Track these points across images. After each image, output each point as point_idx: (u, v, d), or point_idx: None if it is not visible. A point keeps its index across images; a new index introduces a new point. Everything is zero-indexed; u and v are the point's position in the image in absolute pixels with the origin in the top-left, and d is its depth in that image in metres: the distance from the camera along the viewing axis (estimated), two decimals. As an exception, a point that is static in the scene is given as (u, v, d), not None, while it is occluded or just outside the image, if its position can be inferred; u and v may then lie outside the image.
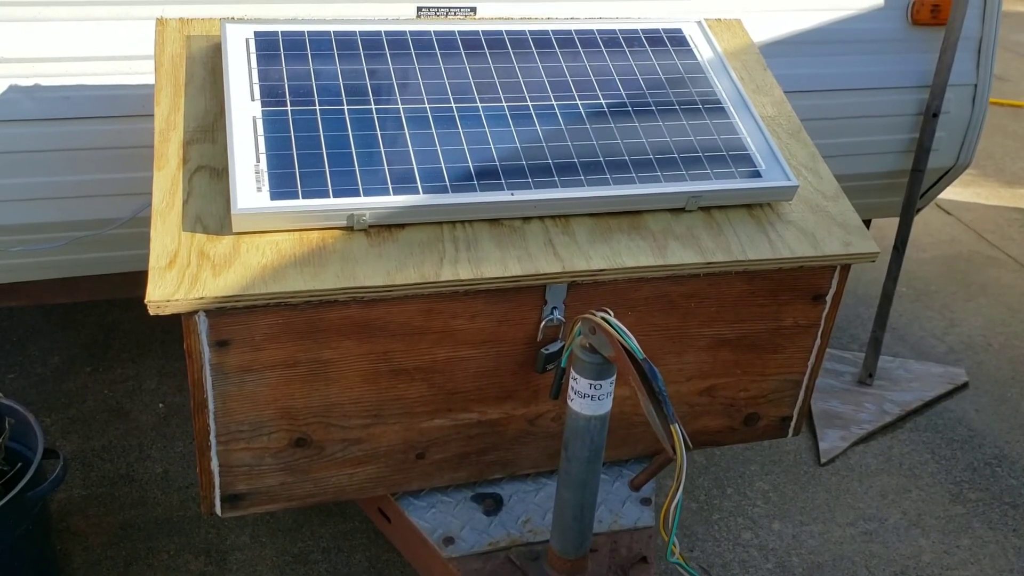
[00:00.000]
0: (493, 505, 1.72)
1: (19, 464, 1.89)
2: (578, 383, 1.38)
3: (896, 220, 3.28)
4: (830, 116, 2.50)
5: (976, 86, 2.57)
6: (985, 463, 2.59)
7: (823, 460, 2.55)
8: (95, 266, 2.29)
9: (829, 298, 1.73)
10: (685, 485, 2.34)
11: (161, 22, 1.77)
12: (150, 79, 2.02)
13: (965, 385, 2.92)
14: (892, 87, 2.51)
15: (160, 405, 2.64)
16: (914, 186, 2.61)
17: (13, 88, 1.94)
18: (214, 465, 1.55)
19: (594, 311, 1.36)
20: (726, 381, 1.78)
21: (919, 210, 2.86)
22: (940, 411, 2.80)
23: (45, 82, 1.96)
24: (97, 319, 3.00)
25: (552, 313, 1.58)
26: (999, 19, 2.51)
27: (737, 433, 1.87)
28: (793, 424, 1.90)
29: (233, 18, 1.79)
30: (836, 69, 2.45)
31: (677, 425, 1.23)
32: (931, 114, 2.51)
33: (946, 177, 2.74)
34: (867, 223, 3.00)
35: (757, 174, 1.68)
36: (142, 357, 2.83)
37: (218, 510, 1.60)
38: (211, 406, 1.49)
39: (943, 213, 4.21)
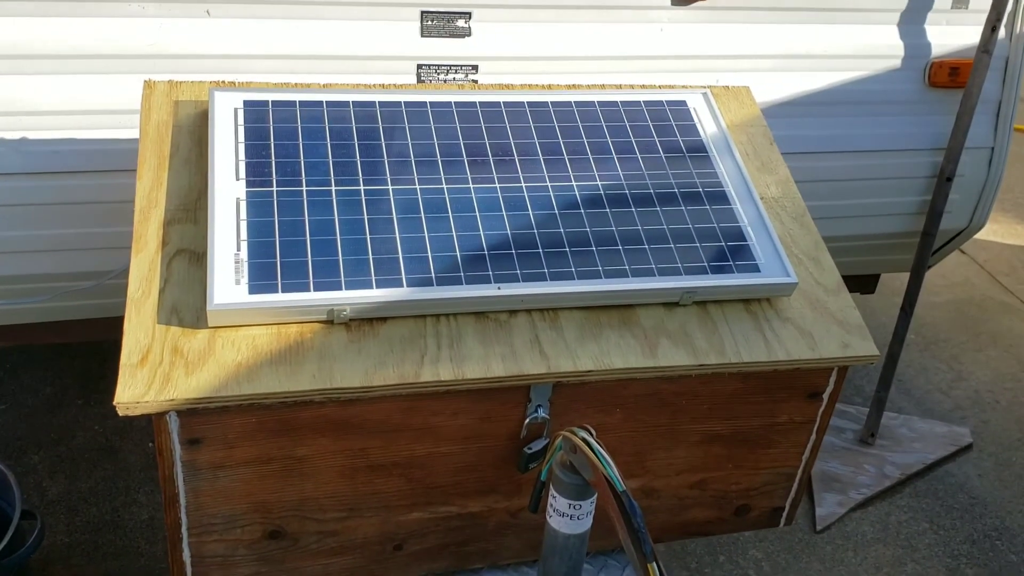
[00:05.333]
0: (472, 597, 1.68)
1: (-5, 528, 1.86)
2: (557, 501, 1.34)
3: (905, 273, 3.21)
4: (842, 178, 2.43)
5: (993, 149, 2.50)
6: (985, 535, 2.53)
7: (819, 527, 2.49)
8: (85, 311, 2.26)
9: (826, 396, 1.68)
10: None
11: (149, 85, 1.72)
12: (138, 133, 1.97)
13: (969, 446, 2.86)
14: (907, 149, 2.44)
15: (150, 444, 2.61)
16: (924, 250, 2.55)
17: (0, 142, 1.90)
18: (186, 556, 1.51)
19: (575, 429, 1.31)
20: (717, 475, 1.73)
21: (930, 267, 2.79)
22: (942, 475, 2.74)
23: (32, 136, 1.92)
24: (92, 346, 2.98)
25: (536, 411, 1.53)
26: (1020, 81, 2.43)
27: (727, 523, 1.82)
28: (785, 514, 1.85)
29: (222, 83, 1.75)
30: (850, 130, 2.39)
31: (655, 564, 1.19)
32: (944, 178, 2.44)
33: (958, 239, 2.67)
34: (876, 277, 2.93)
35: (756, 268, 1.63)
36: (134, 390, 2.80)
37: (190, 598, 1.56)
38: (182, 500, 1.45)
39: (958, 252, 4.13)
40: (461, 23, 2.07)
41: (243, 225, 1.51)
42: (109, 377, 2.86)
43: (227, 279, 1.43)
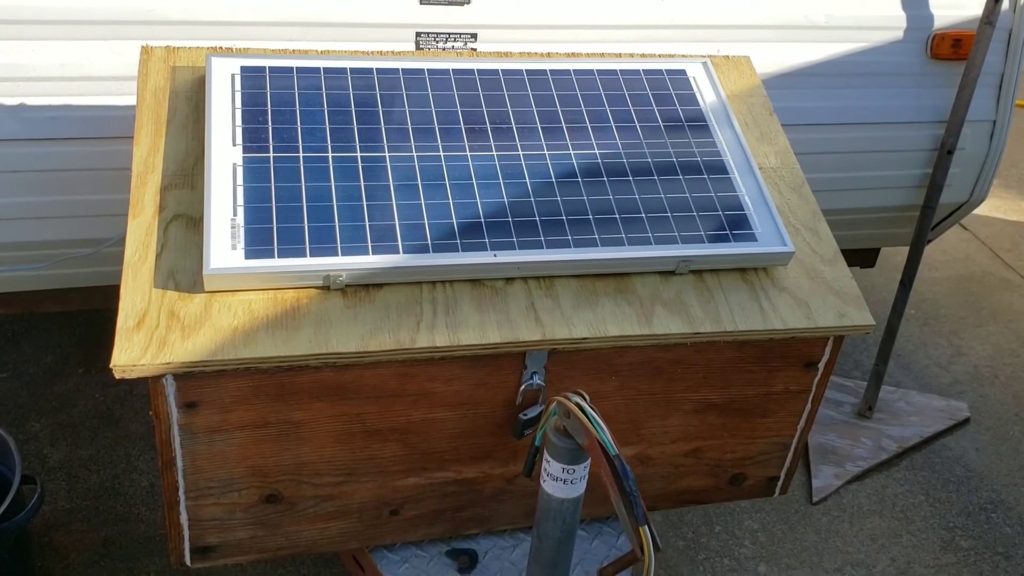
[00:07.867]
0: (468, 562, 1.69)
1: (-4, 492, 1.88)
2: (551, 465, 1.35)
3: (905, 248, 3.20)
4: (843, 150, 2.42)
5: (995, 122, 2.49)
6: (980, 508, 2.54)
7: (815, 499, 2.51)
8: (86, 279, 2.26)
9: (822, 365, 1.68)
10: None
11: (146, 51, 1.72)
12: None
13: (967, 420, 2.87)
14: (908, 122, 2.43)
15: (150, 412, 2.62)
16: (924, 223, 2.54)
17: (-2, 107, 1.90)
18: (183, 519, 1.53)
19: (569, 394, 1.32)
20: (712, 443, 1.74)
21: (930, 241, 2.79)
22: (939, 448, 2.75)
23: (31, 102, 1.92)
24: (93, 315, 2.99)
25: (532, 378, 1.54)
26: (1023, 54, 2.41)
27: (722, 492, 1.83)
28: (780, 484, 1.86)
29: (220, 49, 1.74)
30: (851, 102, 2.37)
31: (647, 527, 1.20)
32: (945, 151, 2.43)
33: (958, 212, 2.66)
34: (876, 251, 2.93)
35: (753, 237, 1.63)
36: (135, 359, 2.82)
37: (187, 561, 1.58)
38: (179, 464, 1.46)
39: (960, 228, 4.11)
40: (460, -9, 2.06)
41: (240, 191, 1.51)
42: (110, 346, 2.87)
43: (223, 244, 1.43)
